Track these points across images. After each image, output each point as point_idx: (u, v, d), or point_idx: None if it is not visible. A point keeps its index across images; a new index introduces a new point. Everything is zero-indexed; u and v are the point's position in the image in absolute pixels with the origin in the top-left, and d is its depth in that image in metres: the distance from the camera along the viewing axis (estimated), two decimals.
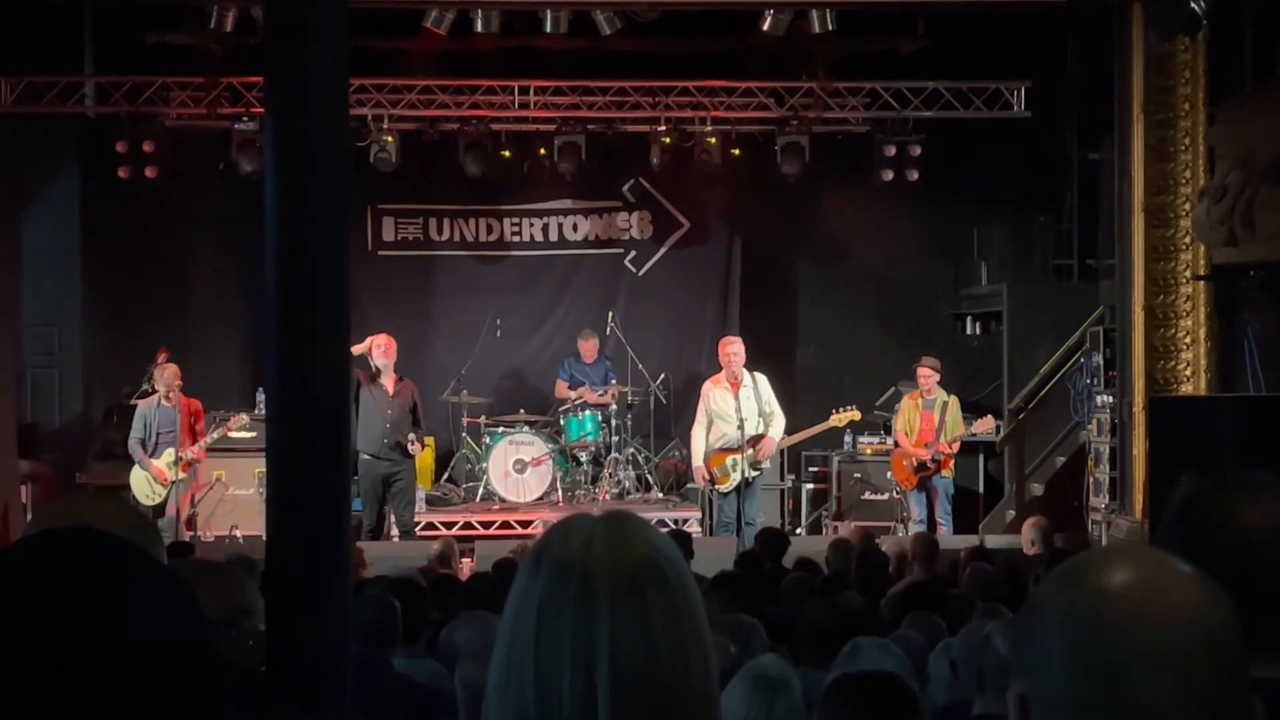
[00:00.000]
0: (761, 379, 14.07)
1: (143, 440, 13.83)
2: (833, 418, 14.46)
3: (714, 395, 14.06)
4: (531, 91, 15.86)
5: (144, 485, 13.82)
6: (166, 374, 13.95)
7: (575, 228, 17.56)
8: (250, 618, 2.59)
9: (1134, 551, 1.75)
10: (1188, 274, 13.50)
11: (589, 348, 16.29)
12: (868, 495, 15.68)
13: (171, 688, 1.55)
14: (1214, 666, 1.63)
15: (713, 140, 15.99)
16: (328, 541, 1.69)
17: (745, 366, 14.06)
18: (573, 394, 15.90)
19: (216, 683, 1.60)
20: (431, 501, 15.48)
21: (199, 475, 14.33)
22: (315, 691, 1.77)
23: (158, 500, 13.81)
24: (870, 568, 9.34)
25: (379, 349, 14.05)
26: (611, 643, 1.71)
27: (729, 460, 13.86)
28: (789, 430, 14.52)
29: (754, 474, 13.91)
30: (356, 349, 13.81)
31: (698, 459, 14.16)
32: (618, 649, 1.71)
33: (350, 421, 1.73)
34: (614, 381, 15.98)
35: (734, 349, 14.05)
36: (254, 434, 14.41)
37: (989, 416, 15.20)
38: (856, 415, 14.55)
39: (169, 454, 13.77)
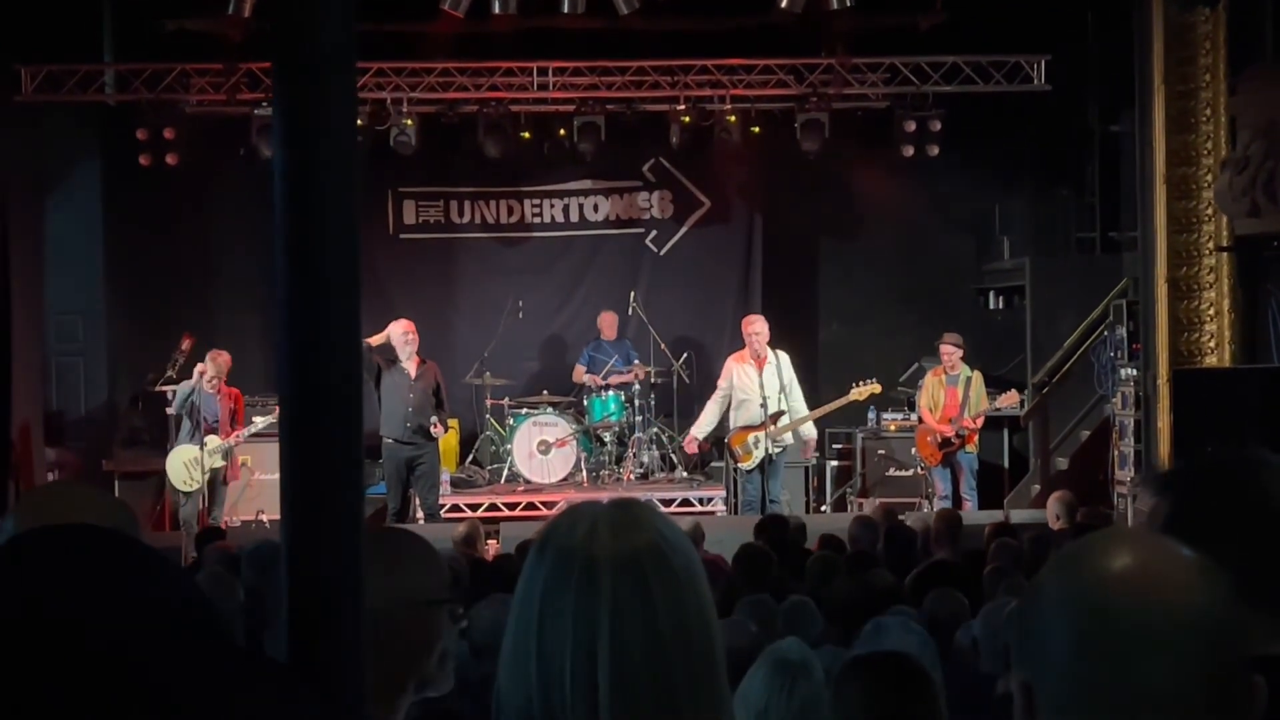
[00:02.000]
0: (784, 357, 14.08)
1: (180, 415, 13.90)
2: (853, 391, 14.45)
3: (738, 372, 14.09)
4: (550, 72, 15.86)
5: (181, 471, 13.84)
6: (219, 362, 13.99)
7: (596, 208, 17.56)
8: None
9: (1133, 536, 1.76)
10: (1210, 245, 13.44)
11: (608, 321, 16.33)
12: (892, 472, 15.67)
13: (180, 673, 1.56)
14: (1214, 648, 1.64)
15: (732, 118, 15.98)
16: (343, 529, 1.69)
17: (768, 344, 14.06)
18: (587, 378, 15.94)
19: (228, 668, 1.61)
20: (456, 484, 15.51)
21: (235, 462, 14.37)
22: (334, 678, 1.78)
23: (194, 487, 13.83)
24: (898, 544, 9.33)
25: (401, 337, 13.99)
26: (612, 628, 1.72)
27: (750, 438, 13.87)
28: (810, 406, 14.53)
29: (776, 450, 13.92)
30: (376, 339, 13.83)
31: (700, 428, 14.44)
32: (619, 634, 1.72)
33: (362, 409, 1.74)
34: (636, 361, 16.00)
35: (756, 328, 14.07)
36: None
37: (1013, 391, 15.18)
38: (877, 388, 14.53)
39: (213, 441, 13.83)
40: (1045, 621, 1.70)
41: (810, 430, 14.35)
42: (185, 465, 13.82)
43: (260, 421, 14.07)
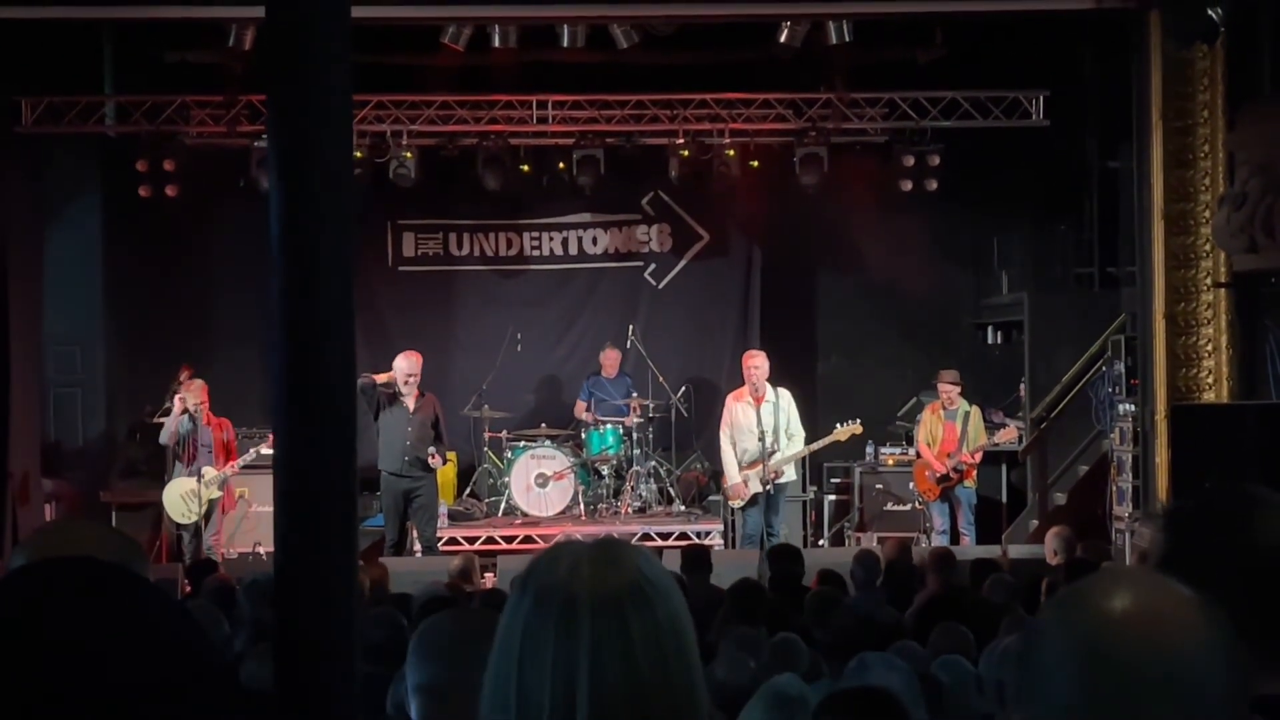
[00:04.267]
0: (785, 395, 14.02)
1: (173, 447, 13.87)
2: (837, 430, 14.43)
3: (736, 409, 14.07)
4: (550, 106, 15.87)
5: (178, 504, 13.81)
6: (194, 389, 13.95)
7: (595, 241, 17.58)
8: None
9: (1133, 576, 1.75)
10: (1208, 281, 13.44)
11: (610, 359, 16.31)
12: (890, 506, 15.65)
13: (180, 709, 1.56)
14: (1217, 689, 1.63)
15: (731, 152, 15.99)
16: (335, 565, 1.69)
17: (769, 381, 14.03)
18: (587, 416, 15.95)
19: (224, 704, 1.61)
20: (454, 516, 15.48)
21: (231, 492, 14.36)
22: (325, 711, 1.78)
23: (193, 519, 13.81)
24: (898, 578, 9.31)
25: (405, 372, 13.99)
26: (592, 665, 1.73)
27: (743, 475, 13.86)
28: (806, 441, 14.50)
29: (771, 488, 13.87)
30: (383, 377, 13.85)
31: (734, 475, 14.11)
32: (598, 671, 1.73)
33: (357, 442, 1.75)
34: (634, 395, 16.00)
35: (754, 362, 14.06)
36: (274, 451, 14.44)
37: (1011, 426, 15.16)
38: (858, 429, 14.51)
39: (210, 472, 13.82)
40: (1046, 662, 1.68)
41: (791, 449, 14.20)
42: (182, 498, 13.80)
43: (255, 453, 14.06)
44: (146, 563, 2.84)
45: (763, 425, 13.74)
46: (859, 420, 14.54)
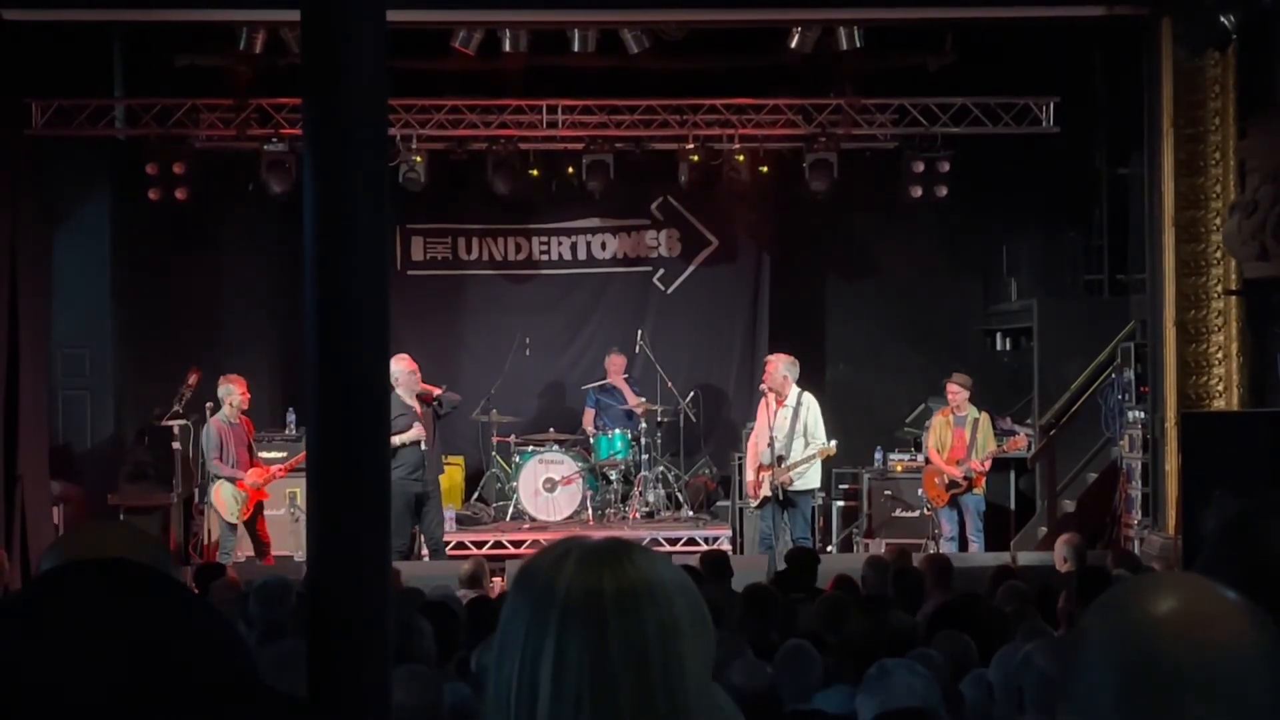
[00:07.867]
0: (807, 400, 13.93)
1: (219, 458, 13.88)
2: (823, 447, 14.33)
3: (760, 410, 14.09)
4: (560, 110, 15.87)
5: (230, 504, 13.78)
6: (236, 396, 13.96)
7: (604, 246, 17.57)
8: None
9: (1178, 579, 1.74)
10: (1219, 289, 13.43)
11: (616, 364, 16.31)
12: (899, 512, 15.61)
13: (215, 710, 1.55)
14: (1262, 693, 1.62)
15: (741, 158, 15.97)
16: (369, 565, 1.68)
17: (799, 385, 13.96)
18: (593, 428, 15.98)
19: (257, 706, 1.61)
20: (462, 521, 15.48)
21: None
22: (359, 715, 1.77)
23: (237, 518, 13.83)
24: (907, 584, 9.28)
25: (400, 374, 14.00)
26: (556, 662, 1.69)
27: (761, 476, 13.86)
28: None
29: (794, 491, 13.81)
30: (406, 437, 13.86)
31: (747, 473, 14.20)
32: (563, 670, 1.69)
33: (389, 443, 1.74)
34: (643, 400, 15.99)
35: (768, 369, 14.04)
36: (284, 454, 14.46)
37: (1020, 435, 15.14)
38: (832, 450, 14.36)
39: (254, 474, 13.83)
40: (1091, 666, 1.67)
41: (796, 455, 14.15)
42: (233, 497, 13.79)
43: (265, 457, 14.08)
44: (177, 566, 2.84)
45: (773, 430, 13.71)
46: (834, 442, 14.34)
